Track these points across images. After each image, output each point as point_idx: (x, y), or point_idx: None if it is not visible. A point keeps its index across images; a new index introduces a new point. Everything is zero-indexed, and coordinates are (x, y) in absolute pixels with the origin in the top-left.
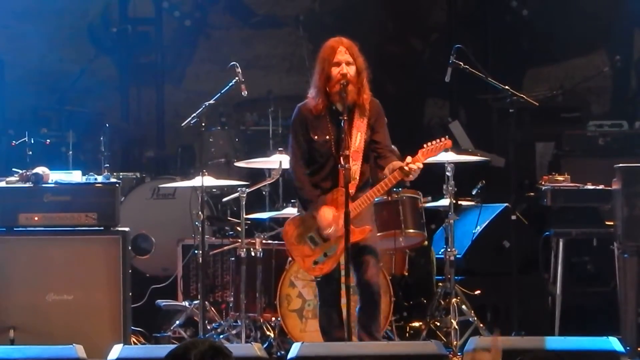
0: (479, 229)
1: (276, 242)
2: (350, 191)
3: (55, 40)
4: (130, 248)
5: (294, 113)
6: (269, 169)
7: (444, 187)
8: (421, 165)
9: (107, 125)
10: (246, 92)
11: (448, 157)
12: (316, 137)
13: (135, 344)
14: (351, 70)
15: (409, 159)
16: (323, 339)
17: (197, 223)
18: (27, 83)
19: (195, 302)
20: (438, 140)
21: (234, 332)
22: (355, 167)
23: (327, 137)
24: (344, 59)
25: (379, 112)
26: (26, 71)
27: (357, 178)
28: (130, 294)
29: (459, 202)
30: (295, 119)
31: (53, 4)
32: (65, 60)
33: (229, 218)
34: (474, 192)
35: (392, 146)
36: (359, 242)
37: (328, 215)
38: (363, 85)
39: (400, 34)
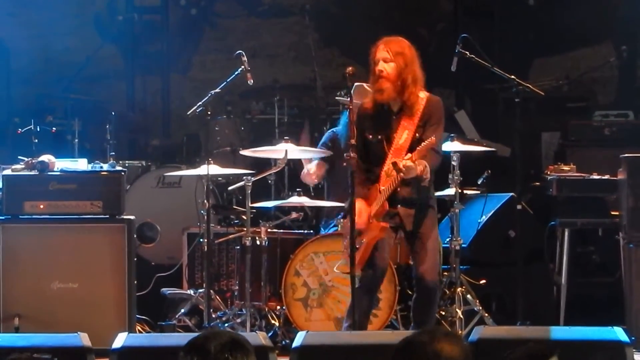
0: (484, 218)
1: (282, 230)
2: (383, 187)
3: (61, 28)
4: (135, 236)
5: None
6: (275, 158)
7: (450, 176)
8: (410, 164)
9: (113, 113)
10: (252, 81)
11: (454, 146)
12: (370, 136)
13: (140, 332)
14: (388, 68)
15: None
16: (345, 320)
17: (202, 212)
18: (33, 71)
19: (201, 290)
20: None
21: (238, 320)
22: None
23: (380, 136)
24: (382, 56)
25: (433, 111)
26: (32, 59)
27: (393, 175)
28: (136, 282)
29: (465, 192)
30: (356, 117)
31: None
32: (71, 48)
33: (235, 207)
34: (479, 182)
35: None
36: (415, 234)
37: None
38: (406, 83)
39: (406, 24)
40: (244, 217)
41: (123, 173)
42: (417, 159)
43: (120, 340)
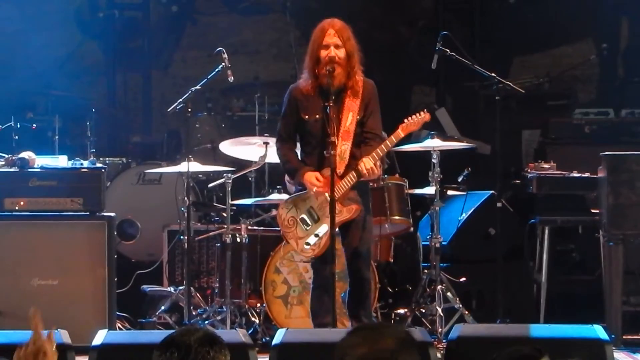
0: (464, 216)
1: (262, 228)
2: (338, 171)
3: (42, 23)
4: (115, 233)
5: (286, 94)
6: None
7: (430, 174)
8: (370, 164)
9: (94, 110)
10: (232, 78)
11: (434, 144)
12: (307, 117)
13: (120, 329)
14: (340, 53)
15: (362, 159)
16: (312, 323)
17: (182, 209)
18: (13, 67)
19: (181, 287)
20: (417, 115)
21: (219, 318)
22: (345, 147)
23: (317, 116)
24: (333, 41)
25: (372, 95)
26: (12, 55)
27: (347, 158)
28: (116, 279)
29: (445, 189)
30: (286, 99)
31: None
32: (52, 44)
33: (215, 204)
34: (459, 180)
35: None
36: (351, 222)
37: (312, 178)
38: (353, 68)
39: (387, 21)
40: (224, 214)
41: (103, 170)
42: (405, 134)
43: (100, 337)
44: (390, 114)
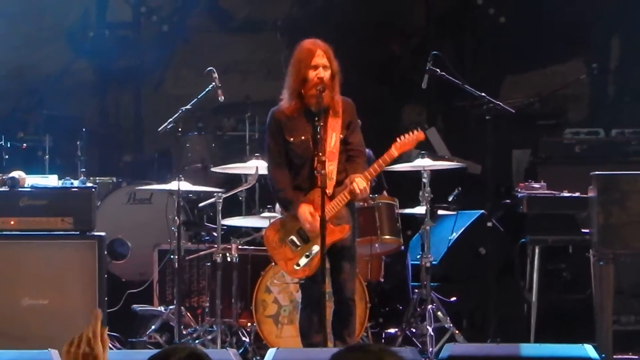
0: (455, 235)
1: (252, 247)
2: (327, 191)
3: (33, 43)
4: (106, 253)
5: (268, 118)
6: (246, 175)
7: (420, 193)
8: (363, 184)
9: (84, 129)
10: (222, 98)
11: (424, 163)
12: (292, 138)
13: (110, 349)
14: (327, 74)
15: (355, 179)
16: (302, 342)
17: (173, 228)
18: (3, 86)
19: (171, 307)
20: (411, 133)
21: (209, 337)
22: (332, 167)
23: (303, 137)
24: (322, 62)
25: (352, 112)
26: (3, 74)
27: (334, 178)
28: (106, 298)
29: (435, 209)
30: (269, 123)
31: (32, 6)
32: (43, 64)
33: (205, 223)
34: (450, 199)
35: (368, 150)
36: (338, 242)
37: (307, 213)
38: (334, 88)
39: (379, 40)
40: (215, 233)
41: (94, 189)
42: (399, 153)
43: None
44: (381, 133)
